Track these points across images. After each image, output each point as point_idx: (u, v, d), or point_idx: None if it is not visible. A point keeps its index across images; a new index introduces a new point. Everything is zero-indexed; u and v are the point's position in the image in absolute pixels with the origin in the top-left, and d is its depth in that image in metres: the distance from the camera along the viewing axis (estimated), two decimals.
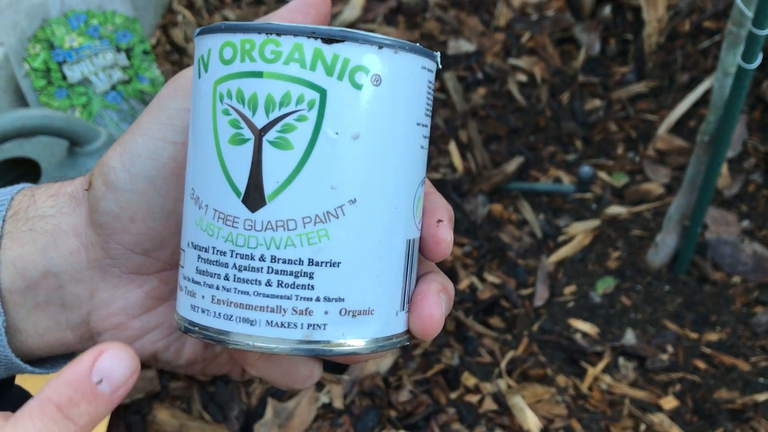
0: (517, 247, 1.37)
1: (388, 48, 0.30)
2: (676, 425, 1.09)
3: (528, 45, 1.71)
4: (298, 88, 0.29)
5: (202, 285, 0.31)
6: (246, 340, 0.30)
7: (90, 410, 0.26)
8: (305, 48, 0.29)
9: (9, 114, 1.00)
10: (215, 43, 0.30)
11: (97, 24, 1.43)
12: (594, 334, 1.22)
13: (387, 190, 0.31)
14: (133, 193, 0.34)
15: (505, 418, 1.10)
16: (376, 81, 0.30)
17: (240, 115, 0.30)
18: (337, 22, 1.77)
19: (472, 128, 1.55)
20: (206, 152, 0.31)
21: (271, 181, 0.29)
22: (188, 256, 0.32)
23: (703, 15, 1.60)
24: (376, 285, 0.31)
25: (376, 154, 0.30)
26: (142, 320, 0.37)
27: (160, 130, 0.34)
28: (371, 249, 0.31)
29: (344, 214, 0.30)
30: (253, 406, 1.12)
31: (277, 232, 0.29)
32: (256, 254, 0.30)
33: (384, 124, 0.30)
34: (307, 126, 0.29)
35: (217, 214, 0.30)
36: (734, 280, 1.28)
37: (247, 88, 0.29)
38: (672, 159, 1.49)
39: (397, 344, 0.33)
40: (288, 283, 0.30)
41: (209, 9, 1.83)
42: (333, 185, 0.29)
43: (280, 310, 0.30)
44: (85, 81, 1.41)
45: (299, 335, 0.30)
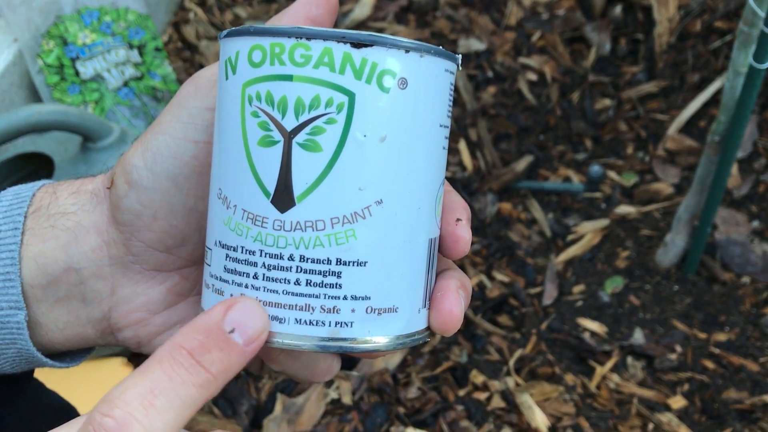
0: (526, 245, 1.37)
1: (414, 52, 0.30)
2: (684, 425, 1.09)
3: (538, 44, 1.71)
4: (328, 92, 0.29)
5: (230, 283, 0.32)
6: (274, 338, 0.31)
7: (223, 358, 0.26)
8: (335, 52, 0.29)
9: (23, 109, 1.01)
10: (244, 45, 0.31)
11: (109, 21, 1.44)
12: (602, 333, 1.23)
13: (412, 190, 0.31)
14: (155, 191, 0.35)
15: (513, 415, 1.11)
16: (403, 84, 0.30)
17: (269, 117, 0.30)
18: (347, 20, 1.78)
19: (481, 127, 1.56)
20: (234, 153, 0.31)
21: (301, 183, 0.30)
22: (215, 254, 0.33)
23: (715, 15, 1.60)
24: (400, 283, 0.32)
25: (402, 156, 0.31)
26: (163, 316, 0.37)
27: (181, 129, 0.35)
28: (396, 248, 0.31)
29: (371, 214, 0.30)
30: (262, 401, 1.12)
31: (306, 233, 0.30)
32: (285, 254, 0.30)
33: (410, 126, 0.31)
34: (336, 129, 0.30)
35: (246, 214, 0.31)
36: (743, 281, 1.28)
37: (276, 91, 0.30)
38: (682, 159, 1.48)
39: (419, 341, 0.33)
40: (316, 282, 0.30)
41: (221, 6, 1.84)
42: (360, 186, 0.30)
43: (309, 308, 0.30)
44: (97, 77, 1.42)
45: (326, 333, 0.31)
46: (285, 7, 0.35)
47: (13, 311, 0.36)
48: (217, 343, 0.26)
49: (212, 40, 1.75)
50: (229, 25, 1.79)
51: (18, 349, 0.37)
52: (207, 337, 0.26)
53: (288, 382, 1.14)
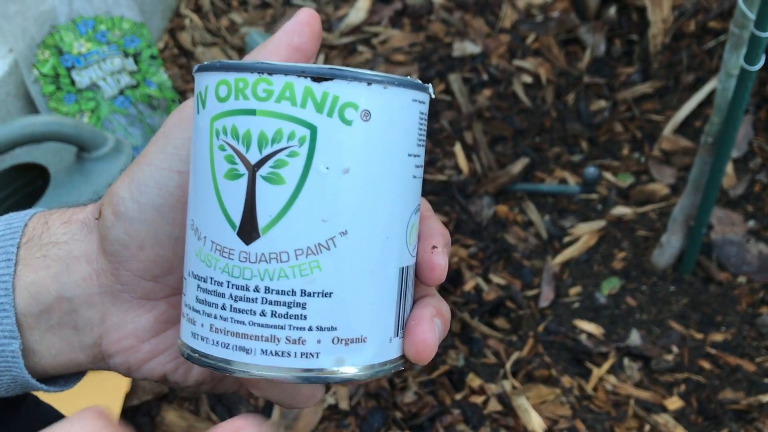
0: (523, 248, 1.38)
1: (377, 84, 0.31)
2: (680, 426, 1.09)
3: (533, 46, 1.72)
4: (290, 125, 0.30)
5: (201, 314, 0.32)
6: (243, 368, 0.31)
7: None
8: (296, 86, 0.30)
9: (19, 120, 1.01)
10: (212, 80, 0.32)
11: (104, 29, 1.45)
12: (599, 335, 1.23)
13: (378, 221, 0.32)
14: (141, 222, 0.36)
15: (510, 419, 1.11)
16: (366, 116, 0.31)
17: (235, 151, 0.31)
18: (342, 25, 1.78)
19: (477, 129, 1.56)
20: (204, 186, 0.32)
21: (264, 215, 0.30)
22: (189, 285, 0.33)
23: (708, 15, 1.60)
24: (368, 313, 0.32)
25: (366, 187, 0.31)
26: (151, 343, 0.38)
27: (166, 159, 0.35)
28: (363, 279, 0.32)
29: (335, 245, 0.31)
30: (260, 407, 1.13)
31: (271, 264, 0.31)
32: (251, 285, 0.31)
33: (374, 157, 0.31)
34: (298, 161, 0.30)
35: (214, 246, 0.31)
36: (740, 281, 1.28)
37: (241, 125, 0.31)
38: (677, 159, 1.49)
39: (392, 369, 0.34)
40: (281, 313, 0.31)
41: (216, 13, 1.84)
42: (324, 218, 0.31)
43: (274, 339, 0.31)
44: (93, 86, 1.43)
45: (293, 364, 0.31)
46: (280, 13, 0.36)
47: (8, 340, 0.37)
48: None
49: (208, 47, 1.76)
50: (225, 32, 1.80)
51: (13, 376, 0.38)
52: None
53: None
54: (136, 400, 1.12)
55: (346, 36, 1.77)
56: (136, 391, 1.12)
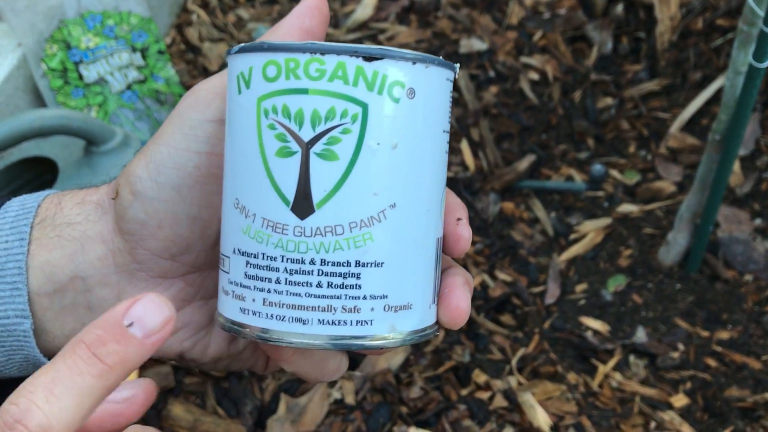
0: (529, 245, 1.38)
1: (420, 63, 0.32)
2: (686, 423, 1.09)
3: (540, 43, 1.72)
4: (342, 103, 0.31)
5: (252, 289, 0.33)
6: (300, 339, 0.32)
7: (119, 350, 0.27)
8: (348, 66, 0.31)
9: (27, 114, 1.02)
10: (257, 61, 0.32)
11: (112, 24, 1.45)
12: (605, 332, 1.23)
13: (421, 193, 0.33)
14: (159, 201, 0.36)
15: (516, 414, 1.11)
16: (411, 94, 0.32)
17: (286, 129, 0.32)
18: (349, 21, 1.78)
19: (483, 126, 1.56)
20: (251, 164, 0.33)
21: (319, 190, 0.32)
22: (235, 262, 0.34)
23: (716, 13, 1.60)
24: (414, 281, 0.34)
25: (412, 162, 0.33)
26: None
27: (183, 140, 0.36)
28: (409, 248, 0.33)
29: (386, 218, 0.32)
30: (266, 401, 1.13)
31: (326, 237, 0.32)
32: (307, 258, 0.32)
33: (418, 133, 0.33)
34: (351, 138, 0.31)
35: (266, 222, 0.32)
36: (746, 279, 1.28)
37: (293, 104, 0.31)
38: (684, 157, 1.48)
39: (430, 335, 0.35)
40: (337, 283, 0.32)
41: (223, 8, 1.84)
42: (375, 192, 0.32)
43: (331, 309, 0.32)
44: (101, 81, 1.43)
45: (349, 331, 0.32)
46: (287, 9, 0.36)
47: (20, 320, 0.37)
48: (114, 336, 0.27)
49: (215, 42, 1.76)
50: (232, 27, 1.80)
51: (25, 355, 0.38)
52: (104, 330, 0.27)
53: (292, 382, 1.15)
54: None
55: (353, 32, 1.77)
56: None
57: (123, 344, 0.27)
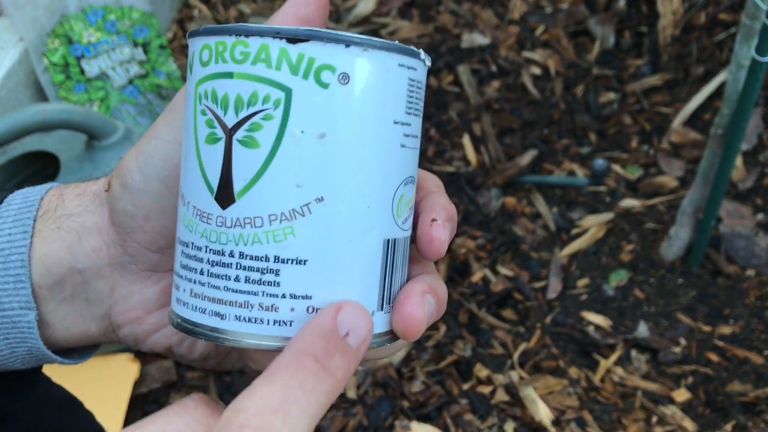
0: (531, 239, 1.38)
1: (356, 46, 0.30)
2: (688, 417, 1.09)
3: (542, 38, 1.71)
4: (265, 88, 0.30)
5: (183, 279, 0.32)
6: (215, 333, 0.31)
7: (344, 363, 0.25)
8: (271, 48, 0.29)
9: (29, 109, 1.02)
10: (197, 45, 0.31)
11: (114, 19, 1.45)
12: (607, 327, 1.23)
13: (357, 189, 0.31)
14: (146, 193, 0.36)
15: (517, 409, 1.11)
16: (344, 79, 0.30)
17: (214, 115, 0.31)
18: (351, 16, 1.78)
19: (485, 121, 1.56)
20: (189, 151, 0.32)
21: (240, 179, 0.30)
22: (176, 251, 0.33)
23: (719, 7, 1.59)
24: (348, 284, 0.31)
25: (343, 153, 0.30)
26: (157, 315, 0.39)
27: (171, 132, 0.36)
28: (340, 247, 0.31)
29: (311, 212, 0.30)
30: None
31: (245, 229, 0.30)
32: (226, 250, 0.30)
33: (353, 122, 0.30)
34: (272, 125, 0.30)
35: (195, 211, 0.31)
36: (748, 273, 1.28)
37: (220, 89, 0.30)
38: (686, 152, 1.48)
39: (373, 345, 0.32)
40: (255, 279, 0.30)
41: (225, 3, 1.84)
42: (299, 183, 0.30)
43: (248, 306, 0.30)
44: (102, 75, 1.43)
45: (266, 331, 0.30)
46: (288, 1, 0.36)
47: (24, 311, 0.37)
48: (338, 348, 0.26)
49: None
50: (234, 22, 1.80)
51: (29, 347, 0.38)
52: (329, 342, 0.26)
53: None
54: (144, 387, 1.12)
55: (355, 27, 1.77)
56: (145, 378, 1.13)
57: (347, 357, 0.26)
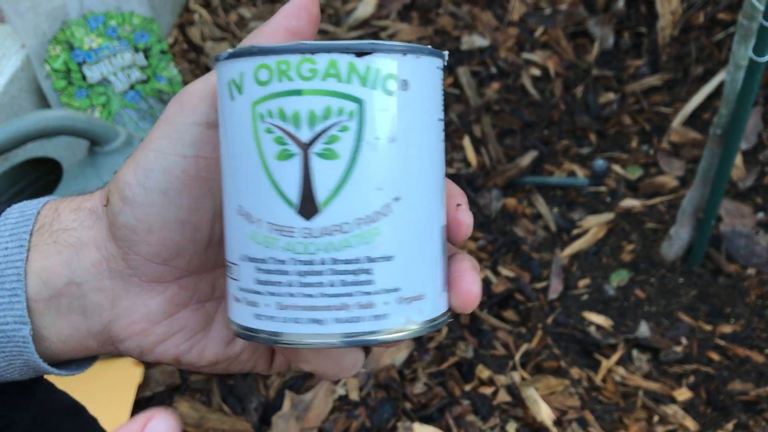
0: (532, 240, 1.38)
1: (411, 54, 0.32)
2: (689, 417, 1.10)
3: (541, 39, 1.72)
4: (338, 101, 0.31)
5: (264, 294, 0.33)
6: (316, 339, 0.33)
7: None
8: (340, 63, 0.31)
9: (32, 115, 1.02)
10: (248, 66, 0.32)
11: (115, 25, 1.46)
12: (608, 327, 1.23)
13: (423, 184, 0.34)
14: (148, 206, 0.36)
15: (519, 409, 1.12)
16: (404, 86, 0.32)
17: (284, 132, 0.32)
18: (351, 19, 1.79)
19: (486, 123, 1.56)
20: (252, 170, 0.33)
21: (323, 190, 0.32)
22: (244, 268, 0.34)
23: (718, 7, 1.60)
24: (424, 271, 0.34)
25: (411, 153, 0.33)
26: (164, 325, 0.39)
27: (170, 145, 0.36)
28: (417, 239, 0.34)
29: (392, 211, 0.33)
30: (271, 398, 1.14)
31: (334, 236, 0.32)
32: (317, 259, 0.32)
33: (414, 124, 0.33)
34: (349, 135, 0.32)
35: (272, 227, 0.33)
36: (749, 272, 1.28)
37: (288, 106, 0.32)
38: (686, 151, 1.49)
39: (444, 323, 0.36)
40: (349, 281, 0.32)
41: (225, 8, 1.85)
42: (379, 186, 0.32)
43: (346, 307, 0.32)
44: (104, 81, 1.44)
45: (365, 327, 0.33)
46: None
47: (19, 326, 0.37)
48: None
49: (217, 42, 1.76)
50: (234, 26, 1.81)
51: (25, 360, 0.39)
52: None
53: (296, 379, 1.16)
54: (148, 391, 1.13)
55: (355, 30, 1.77)
56: (148, 382, 1.13)
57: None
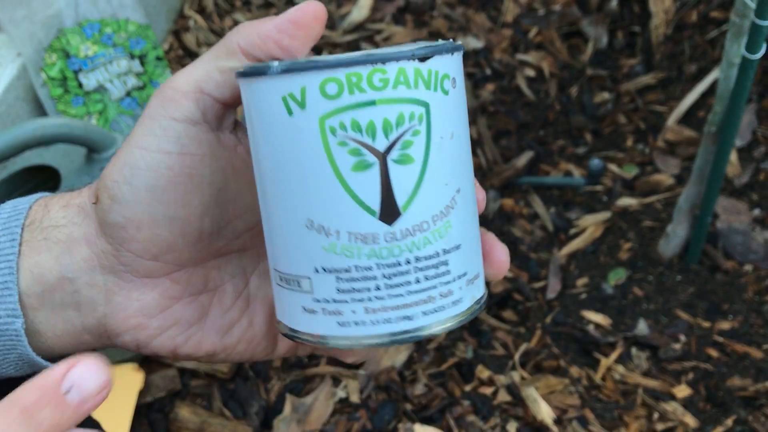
0: (529, 240, 1.39)
1: (456, 53, 0.34)
2: (689, 413, 1.10)
3: (535, 40, 1.72)
4: (409, 107, 0.33)
5: (349, 302, 0.34)
6: (409, 334, 0.34)
7: (54, 416, 0.27)
8: (408, 70, 0.32)
9: (28, 123, 1.03)
10: (312, 80, 0.32)
11: (110, 32, 1.46)
12: (607, 325, 1.24)
13: (470, 172, 0.36)
14: (136, 203, 0.36)
15: (519, 409, 1.12)
16: (454, 84, 0.34)
17: (360, 143, 0.33)
18: (346, 23, 1.79)
19: (481, 124, 1.57)
20: (325, 183, 0.33)
21: (402, 194, 0.33)
22: (321, 280, 0.35)
23: (710, 5, 1.60)
24: (477, 252, 0.37)
25: (463, 145, 0.35)
26: (159, 319, 0.39)
27: (155, 141, 0.36)
28: (472, 224, 0.36)
29: (456, 203, 0.35)
30: (272, 402, 1.14)
31: (415, 236, 0.34)
32: (401, 260, 0.34)
33: (463, 117, 0.35)
34: (421, 138, 0.33)
35: (353, 236, 0.34)
36: (746, 269, 1.29)
37: (362, 118, 0.32)
38: (682, 149, 1.49)
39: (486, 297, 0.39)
40: (432, 275, 0.34)
41: (220, 13, 1.85)
42: (446, 182, 0.34)
43: (431, 300, 0.34)
44: (100, 88, 1.44)
45: (448, 313, 0.35)
46: (282, 12, 0.36)
47: (11, 319, 0.38)
48: (51, 401, 0.27)
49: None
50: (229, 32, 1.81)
51: (19, 354, 0.39)
52: (43, 395, 0.27)
53: (297, 382, 1.16)
54: (149, 396, 1.13)
55: (349, 33, 1.78)
56: (149, 388, 1.13)
57: (59, 410, 0.27)
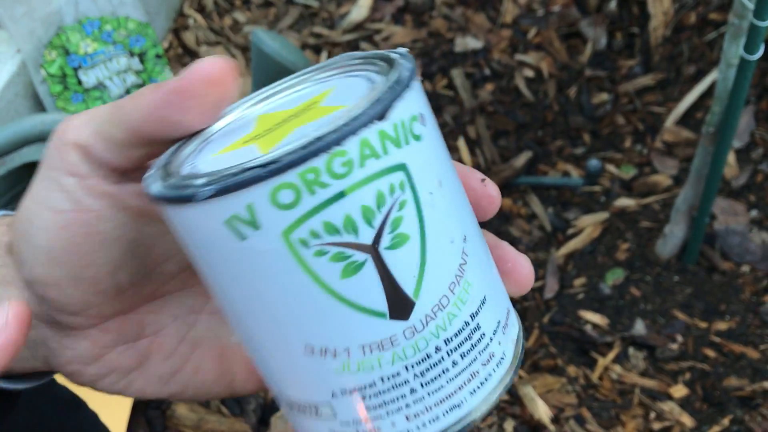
0: (527, 240, 1.39)
1: (415, 80, 0.28)
2: (685, 413, 1.10)
3: (534, 40, 1.73)
4: (386, 180, 0.26)
5: (385, 416, 0.29)
6: (463, 423, 0.29)
7: None
8: (371, 139, 0.26)
9: (28, 119, 1.03)
10: (257, 193, 0.26)
11: (110, 29, 1.47)
12: (604, 325, 1.24)
13: (467, 207, 0.30)
14: (36, 265, 0.34)
15: (517, 407, 1.12)
16: (423, 121, 0.28)
17: (341, 245, 0.27)
18: (345, 23, 1.80)
19: (480, 124, 1.57)
20: (313, 302, 0.28)
21: (409, 280, 0.27)
22: (342, 403, 0.30)
23: (709, 7, 1.61)
24: (500, 290, 0.31)
25: (452, 185, 0.29)
26: (95, 367, 0.38)
27: (47, 197, 0.33)
28: (487, 263, 0.30)
29: (467, 254, 0.29)
30: (269, 399, 1.14)
31: (437, 318, 0.28)
32: (431, 350, 0.28)
33: (443, 153, 0.29)
34: (410, 207, 0.27)
35: (366, 348, 0.29)
36: (743, 270, 1.29)
37: (334, 216, 0.26)
38: (680, 150, 1.50)
39: None
40: (468, 349, 0.29)
41: (220, 12, 1.85)
42: (451, 239, 0.28)
43: (475, 375, 0.29)
44: (100, 85, 1.44)
45: (496, 381, 0.30)
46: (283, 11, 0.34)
47: None
48: None
49: (212, 46, 1.77)
50: (229, 30, 1.81)
51: None
52: None
53: None
54: None
55: (349, 33, 1.78)
56: None
57: None
